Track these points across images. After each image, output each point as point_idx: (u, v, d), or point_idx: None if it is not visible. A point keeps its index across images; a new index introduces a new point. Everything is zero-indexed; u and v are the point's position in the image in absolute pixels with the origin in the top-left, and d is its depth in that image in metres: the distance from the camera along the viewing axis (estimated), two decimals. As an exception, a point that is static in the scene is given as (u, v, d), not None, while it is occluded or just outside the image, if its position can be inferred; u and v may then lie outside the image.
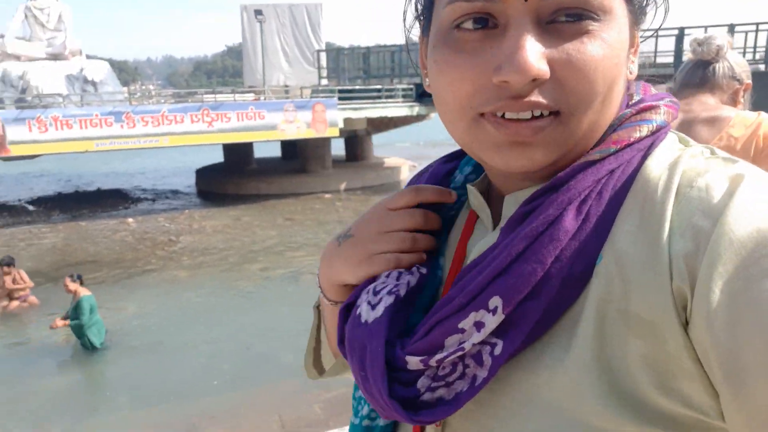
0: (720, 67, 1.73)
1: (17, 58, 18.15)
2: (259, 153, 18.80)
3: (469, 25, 0.47)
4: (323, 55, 21.05)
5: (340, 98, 15.70)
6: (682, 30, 15.76)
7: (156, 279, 9.36)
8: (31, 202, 16.54)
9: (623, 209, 0.48)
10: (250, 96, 17.29)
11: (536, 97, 0.46)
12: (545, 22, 0.46)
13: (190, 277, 9.42)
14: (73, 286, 6.78)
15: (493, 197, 0.59)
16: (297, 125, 14.57)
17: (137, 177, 21.00)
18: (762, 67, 15.23)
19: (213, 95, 16.56)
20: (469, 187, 0.60)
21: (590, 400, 0.45)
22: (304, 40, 20.95)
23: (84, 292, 6.75)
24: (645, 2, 0.52)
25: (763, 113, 1.69)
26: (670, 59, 15.83)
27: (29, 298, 8.24)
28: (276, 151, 20.19)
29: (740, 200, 0.42)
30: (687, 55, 1.85)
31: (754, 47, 15.03)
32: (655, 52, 15.91)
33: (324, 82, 20.31)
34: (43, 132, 12.56)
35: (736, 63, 1.75)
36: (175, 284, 9.07)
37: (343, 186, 16.31)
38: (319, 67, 20.67)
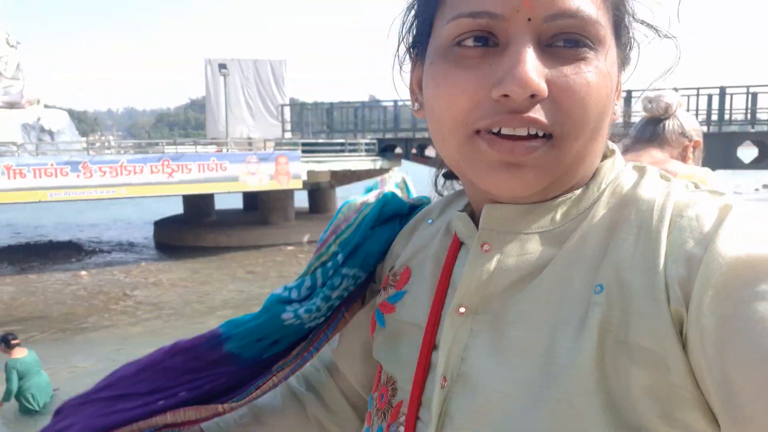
0: (670, 124, 1.78)
1: (-29, 105, 17.75)
2: (220, 205, 18.58)
3: (470, 42, 0.48)
4: (287, 109, 21.27)
5: (303, 151, 15.81)
6: (629, 93, 16.57)
7: (109, 335, 8.95)
8: (-23, 253, 15.82)
9: (616, 238, 0.49)
10: (213, 148, 17.24)
11: (534, 114, 0.46)
12: (545, 45, 0.48)
13: (145, 333, 9.04)
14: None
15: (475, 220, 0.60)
16: (259, 177, 14.53)
17: (92, 228, 20.40)
18: (705, 128, 16.10)
19: (174, 146, 16.43)
20: (459, 214, 0.59)
21: (595, 431, 0.45)
22: (268, 94, 21.19)
23: (15, 353, 6.30)
24: (629, 45, 0.54)
25: (707, 169, 1.75)
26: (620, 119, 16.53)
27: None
28: (237, 203, 20.00)
29: (729, 228, 0.44)
30: (640, 114, 1.93)
31: (696, 109, 15.94)
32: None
33: (288, 135, 20.45)
34: (-5, 181, 12.14)
35: (685, 121, 1.81)
36: (128, 340, 8.68)
37: (306, 238, 16.19)
38: (283, 121, 20.86)
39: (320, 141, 18.55)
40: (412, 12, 0.56)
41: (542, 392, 0.47)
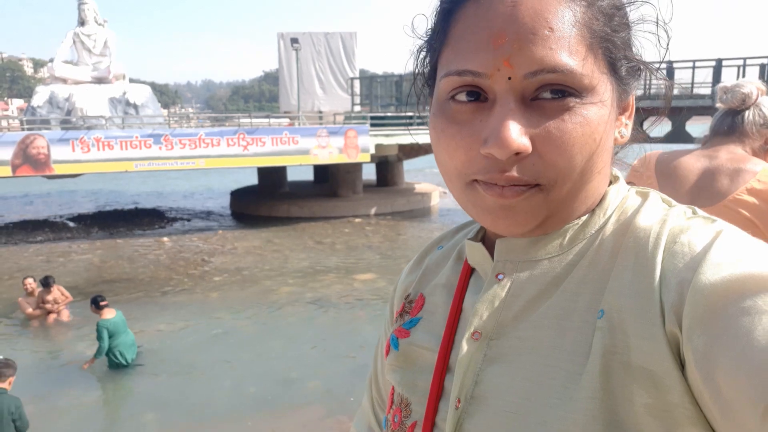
0: (750, 115, 1.66)
1: (64, 81, 18.96)
2: (292, 176, 19.08)
3: (462, 97, 0.52)
4: (357, 82, 21.37)
5: (372, 124, 15.89)
6: (719, 61, 15.60)
7: (187, 299, 9.51)
8: (72, 218, 17.08)
9: (617, 265, 0.52)
10: (285, 121, 17.66)
11: (518, 173, 0.50)
12: (529, 99, 0.50)
13: (220, 298, 9.55)
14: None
15: (487, 244, 0.63)
16: (329, 150, 14.79)
17: (174, 197, 21.50)
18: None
19: (249, 119, 16.97)
20: (470, 243, 0.62)
21: None
22: (338, 67, 21.35)
23: (105, 314, 6.83)
24: (632, 73, 0.55)
25: None
26: (708, 90, 15.67)
27: (63, 312, 8.46)
28: (309, 175, 20.45)
29: (716, 252, 0.47)
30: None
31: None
32: (692, 83, 15.79)
33: (357, 108, 20.59)
34: (86, 152, 13.04)
35: None
36: (205, 304, 9.20)
37: (373, 211, 16.41)
38: (353, 94, 20.99)
39: (388, 114, 18.55)
40: (423, 54, 0.59)
41: (551, 413, 0.50)
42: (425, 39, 0.58)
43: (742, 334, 0.42)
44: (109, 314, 6.84)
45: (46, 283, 8.45)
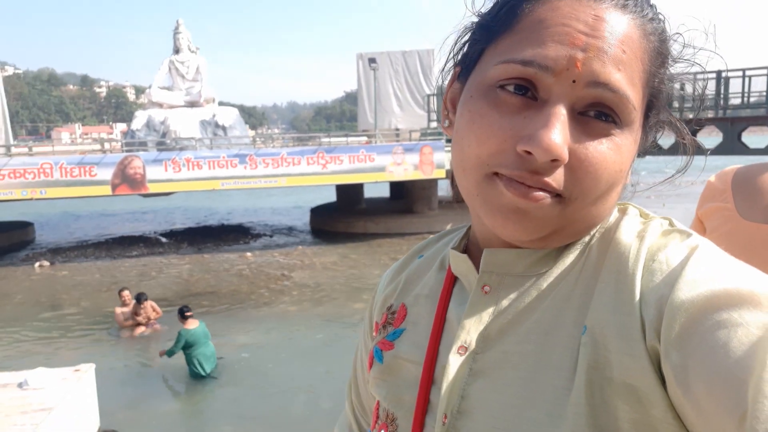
0: None
1: (160, 105, 20.32)
2: (369, 193, 19.36)
3: (511, 88, 0.50)
4: (433, 99, 21.45)
5: (447, 140, 15.84)
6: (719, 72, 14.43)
7: (267, 312, 9.82)
8: (164, 234, 18.17)
9: (600, 281, 0.52)
10: (363, 139, 17.98)
11: (549, 179, 0.49)
12: (578, 112, 0.50)
13: (299, 312, 9.79)
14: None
15: (471, 253, 0.62)
16: (404, 167, 14.89)
17: (257, 214, 22.37)
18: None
19: (328, 138, 17.42)
20: (455, 252, 0.62)
21: None
22: (415, 84, 21.52)
23: (188, 324, 7.19)
24: (656, 127, 0.56)
25: None
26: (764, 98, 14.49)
27: (155, 325, 8.98)
28: (385, 192, 20.67)
29: (692, 269, 0.47)
30: None
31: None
32: (744, 91, 14.45)
33: (433, 125, 20.64)
34: (177, 172, 13.87)
35: None
36: (284, 318, 9.47)
37: (449, 226, 16.07)
38: (429, 111, 21.07)
39: (466, 130, 18.42)
40: (468, 35, 0.58)
41: (537, 429, 0.50)
42: (482, 18, 0.56)
43: (718, 346, 0.42)
44: (192, 324, 7.22)
45: (139, 299, 9.02)
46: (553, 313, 0.53)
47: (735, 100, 14.58)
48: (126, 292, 9.14)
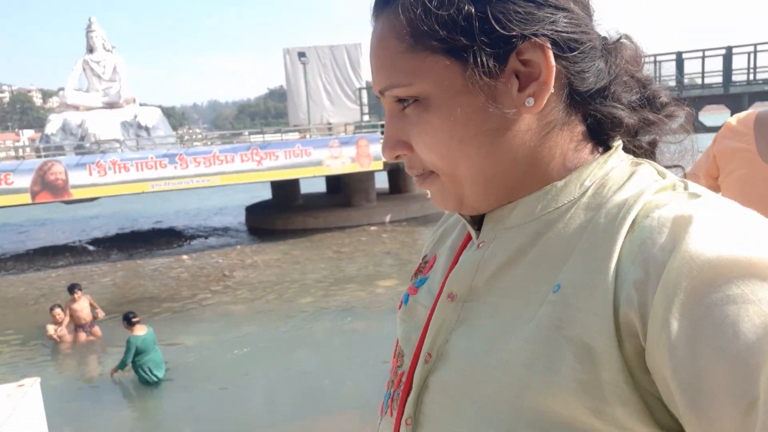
0: None
1: (76, 108, 19.21)
2: (304, 189, 19.17)
3: None
4: (364, 93, 21.49)
5: (382, 132, 15.93)
6: (729, 49, 15.50)
7: (212, 313, 9.55)
8: (91, 242, 17.22)
9: (583, 240, 0.51)
10: (296, 135, 17.76)
11: (410, 168, 0.59)
12: (401, 110, 0.57)
13: (245, 311, 9.58)
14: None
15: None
16: (342, 160, 14.86)
17: (189, 216, 21.64)
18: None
19: (260, 135, 17.07)
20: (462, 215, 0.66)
21: (530, 418, 0.50)
22: (345, 79, 21.48)
23: (136, 331, 6.88)
24: (477, 56, 0.51)
25: None
26: (719, 79, 15.57)
27: (93, 329, 8.48)
28: (321, 187, 20.53)
29: (698, 231, 0.44)
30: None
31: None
32: (703, 72, 15.72)
33: (366, 118, 20.69)
34: (102, 175, 13.18)
35: None
36: (230, 318, 9.24)
37: (388, 218, 16.42)
38: (361, 104, 21.09)
39: (398, 121, 18.57)
40: None
41: (490, 374, 0.52)
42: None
43: (727, 324, 0.41)
44: (141, 331, 6.91)
45: (72, 289, 8.45)
46: (529, 268, 0.54)
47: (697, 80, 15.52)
48: (57, 310, 8.47)
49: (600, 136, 0.58)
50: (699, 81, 15.59)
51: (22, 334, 9.06)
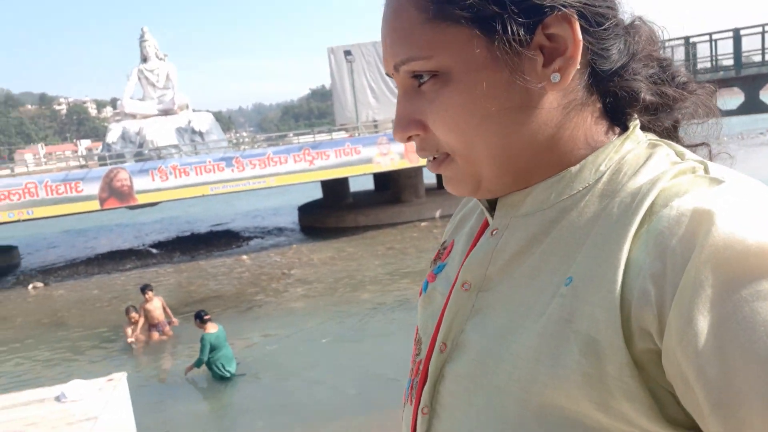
0: None
1: (133, 116, 20.01)
2: (353, 187, 19.44)
3: None
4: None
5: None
6: (737, 31, 14.99)
7: (275, 310, 9.89)
8: (154, 245, 17.98)
9: (596, 229, 0.49)
10: (343, 134, 18.04)
11: (422, 150, 0.57)
12: (416, 87, 0.54)
13: (306, 307, 9.87)
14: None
15: None
16: (391, 157, 15.02)
17: (244, 217, 22.27)
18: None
19: (310, 136, 17.39)
20: (483, 201, 0.64)
21: (536, 411, 0.49)
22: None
23: (209, 328, 7.13)
24: (507, 25, 0.49)
25: None
26: (731, 61, 15.14)
27: (165, 328, 8.90)
28: (369, 185, 20.76)
29: (723, 222, 0.42)
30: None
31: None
32: (712, 55, 15.24)
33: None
34: (164, 180, 13.76)
35: None
36: (293, 314, 9.54)
37: (438, 213, 16.49)
38: (407, 100, 21.10)
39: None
40: None
41: (500, 367, 0.52)
42: None
43: (758, 321, 0.39)
44: (212, 328, 7.17)
45: (144, 290, 8.87)
46: (542, 257, 0.52)
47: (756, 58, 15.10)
48: (133, 312, 8.86)
49: (618, 116, 0.56)
50: (709, 65, 15.11)
51: (99, 333, 9.62)
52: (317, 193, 19.80)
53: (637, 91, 0.54)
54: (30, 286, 13.58)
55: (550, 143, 0.53)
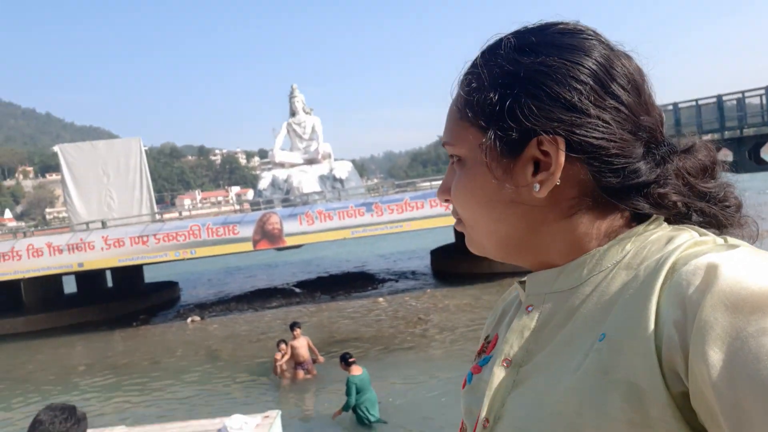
0: None
1: (282, 165, 21.60)
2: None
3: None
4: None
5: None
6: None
7: (414, 356, 9.88)
8: (297, 285, 18.98)
9: (625, 294, 0.54)
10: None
11: (452, 211, 0.69)
12: (452, 163, 0.67)
13: (445, 355, 9.76)
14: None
15: None
16: (529, 203, 14.71)
17: (378, 260, 22.84)
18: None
19: (437, 182, 17.57)
20: (517, 284, 0.72)
21: None
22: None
23: (354, 371, 7.18)
24: (495, 138, 0.60)
25: None
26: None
27: (310, 367, 9.22)
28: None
29: (731, 270, 0.47)
30: None
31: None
32: (763, 109, 15.74)
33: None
34: (310, 224, 14.58)
35: None
36: (431, 361, 9.47)
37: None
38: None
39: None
40: None
41: (546, 427, 0.54)
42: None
43: (763, 354, 0.43)
44: (357, 371, 7.20)
45: (292, 327, 9.28)
46: (579, 324, 0.56)
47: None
48: (283, 345, 9.34)
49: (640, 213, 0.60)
50: (760, 119, 15.59)
51: (249, 367, 10.24)
52: (450, 237, 19.83)
53: (665, 206, 0.58)
54: (189, 320, 14.88)
55: (556, 232, 0.60)
